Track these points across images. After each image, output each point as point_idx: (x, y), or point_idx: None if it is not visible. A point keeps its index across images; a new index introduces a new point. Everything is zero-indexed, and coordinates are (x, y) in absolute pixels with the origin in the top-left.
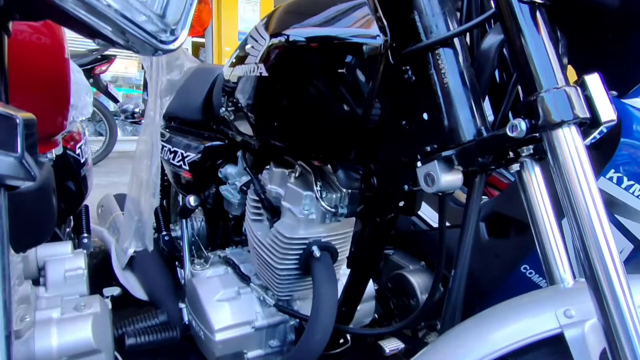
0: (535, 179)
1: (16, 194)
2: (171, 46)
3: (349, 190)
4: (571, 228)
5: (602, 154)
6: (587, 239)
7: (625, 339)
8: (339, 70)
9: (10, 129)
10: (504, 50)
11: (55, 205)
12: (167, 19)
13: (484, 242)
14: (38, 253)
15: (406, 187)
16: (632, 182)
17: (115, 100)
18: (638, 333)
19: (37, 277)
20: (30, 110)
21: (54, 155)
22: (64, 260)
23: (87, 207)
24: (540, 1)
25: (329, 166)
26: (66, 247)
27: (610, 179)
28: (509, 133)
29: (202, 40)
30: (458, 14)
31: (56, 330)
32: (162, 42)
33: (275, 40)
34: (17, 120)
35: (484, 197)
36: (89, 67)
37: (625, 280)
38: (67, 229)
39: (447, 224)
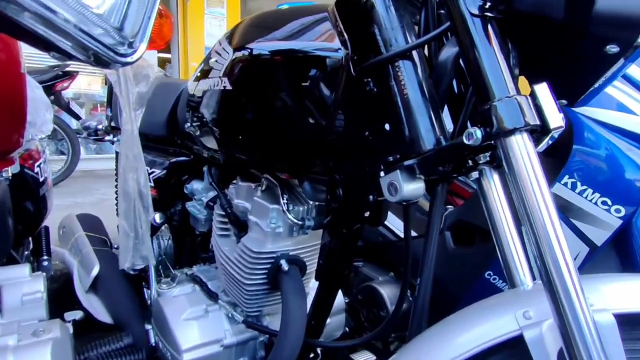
0: (494, 186)
1: None
2: (129, 59)
3: (316, 202)
4: (526, 231)
5: (556, 161)
6: (540, 240)
7: (579, 338)
8: (302, 83)
9: None
10: (461, 61)
11: (10, 225)
12: (125, 31)
13: (450, 250)
14: None
15: (371, 197)
16: (585, 187)
17: (78, 118)
18: (592, 332)
19: None
20: None
21: (10, 174)
22: (21, 284)
23: (47, 228)
24: (492, 15)
25: (296, 179)
26: (23, 270)
27: (565, 184)
28: (465, 141)
29: (168, 55)
30: (416, 28)
31: (13, 358)
32: (120, 54)
33: (239, 54)
34: None
35: (449, 206)
36: (49, 83)
37: (578, 281)
38: (26, 252)
39: (414, 234)
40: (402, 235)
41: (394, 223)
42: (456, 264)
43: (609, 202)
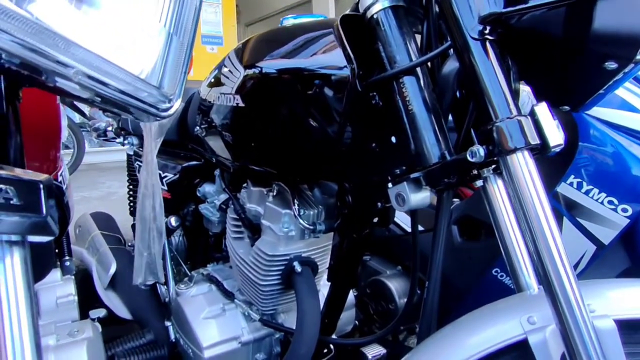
0: (499, 192)
1: None
2: (169, 112)
3: (326, 207)
4: (527, 242)
5: (562, 161)
6: (542, 252)
7: (580, 343)
8: (311, 99)
9: (34, 193)
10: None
11: (53, 242)
12: (164, 89)
13: (456, 244)
14: None
15: (379, 204)
16: (591, 187)
17: (82, 113)
18: (592, 337)
19: None
20: (27, 159)
21: None
22: (55, 288)
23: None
24: (492, 37)
25: (306, 184)
26: (55, 274)
27: (571, 184)
28: (469, 158)
29: None
30: (419, 37)
31: (53, 357)
32: (161, 110)
33: (250, 72)
34: (40, 185)
35: (455, 199)
36: None
37: (577, 289)
38: None
39: (421, 227)
40: (408, 228)
41: (401, 217)
42: (463, 258)
43: (615, 202)
